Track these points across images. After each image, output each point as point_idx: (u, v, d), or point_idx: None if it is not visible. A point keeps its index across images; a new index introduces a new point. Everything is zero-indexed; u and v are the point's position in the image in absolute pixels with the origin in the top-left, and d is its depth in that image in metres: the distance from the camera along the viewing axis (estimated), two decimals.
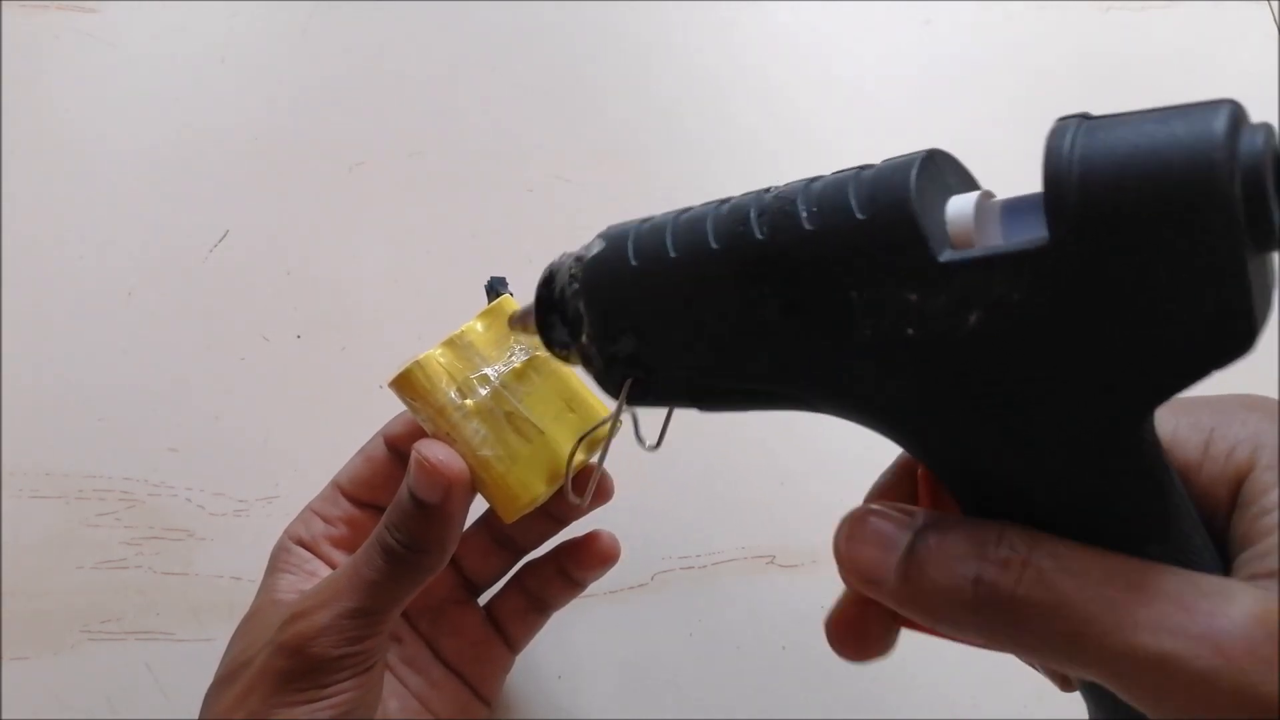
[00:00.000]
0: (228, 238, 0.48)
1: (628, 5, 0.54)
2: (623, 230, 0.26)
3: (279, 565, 0.35)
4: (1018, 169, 0.23)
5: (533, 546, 0.38)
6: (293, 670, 0.30)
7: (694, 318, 0.24)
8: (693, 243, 0.24)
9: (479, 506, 0.34)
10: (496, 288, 0.35)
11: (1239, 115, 0.18)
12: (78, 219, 0.48)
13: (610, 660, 0.42)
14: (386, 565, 0.31)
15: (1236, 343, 0.18)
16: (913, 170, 0.20)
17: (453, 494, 0.31)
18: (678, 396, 0.26)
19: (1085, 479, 0.20)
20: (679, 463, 0.43)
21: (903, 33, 0.54)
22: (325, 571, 0.34)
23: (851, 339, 0.21)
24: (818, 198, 0.22)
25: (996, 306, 0.19)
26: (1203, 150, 0.17)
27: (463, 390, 0.32)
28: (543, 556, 0.38)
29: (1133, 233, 0.18)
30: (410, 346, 0.33)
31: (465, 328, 0.33)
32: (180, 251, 0.48)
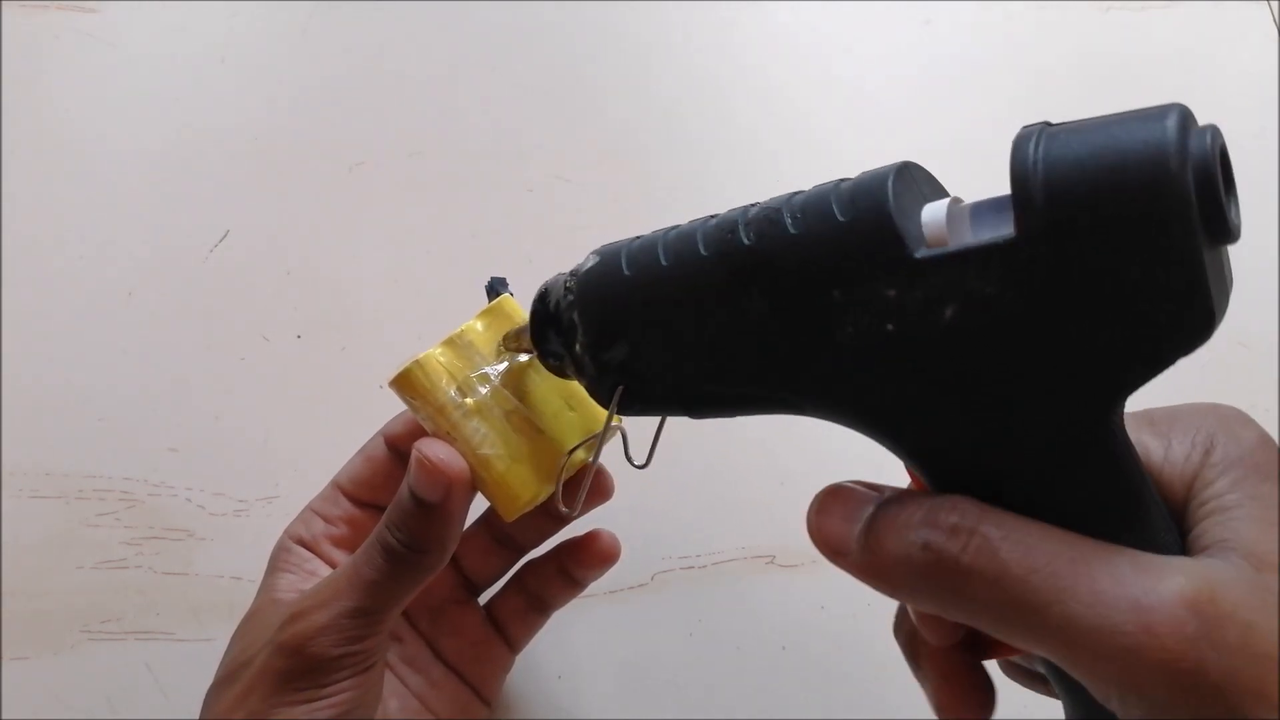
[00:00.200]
0: (228, 238, 0.48)
1: (628, 5, 0.54)
2: (616, 246, 0.27)
3: (279, 565, 0.35)
4: None
5: (533, 546, 0.38)
6: (293, 670, 0.30)
7: (685, 323, 0.25)
8: (683, 251, 0.25)
9: (479, 506, 0.34)
10: (496, 288, 0.35)
11: (1187, 117, 0.19)
12: (78, 219, 0.48)
13: (610, 660, 0.42)
14: (387, 564, 0.31)
15: (1196, 330, 0.19)
16: (889, 177, 0.22)
17: (453, 493, 0.31)
18: (669, 403, 0.27)
19: (1057, 468, 0.21)
20: (679, 463, 0.43)
21: (903, 33, 0.54)
22: (325, 571, 0.34)
23: (834, 338, 0.23)
24: (801, 206, 0.23)
25: (970, 300, 0.21)
26: (1156, 149, 0.19)
27: (463, 389, 0.32)
28: (543, 556, 0.38)
29: (1095, 227, 0.19)
30: (410, 346, 0.33)
31: (465, 327, 0.33)
32: (180, 251, 0.48)
